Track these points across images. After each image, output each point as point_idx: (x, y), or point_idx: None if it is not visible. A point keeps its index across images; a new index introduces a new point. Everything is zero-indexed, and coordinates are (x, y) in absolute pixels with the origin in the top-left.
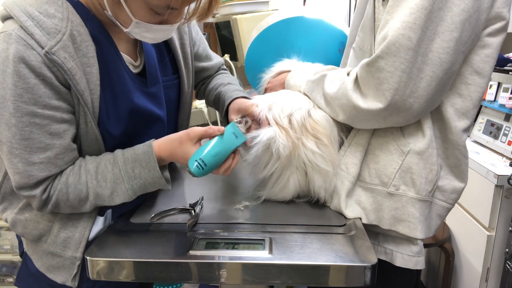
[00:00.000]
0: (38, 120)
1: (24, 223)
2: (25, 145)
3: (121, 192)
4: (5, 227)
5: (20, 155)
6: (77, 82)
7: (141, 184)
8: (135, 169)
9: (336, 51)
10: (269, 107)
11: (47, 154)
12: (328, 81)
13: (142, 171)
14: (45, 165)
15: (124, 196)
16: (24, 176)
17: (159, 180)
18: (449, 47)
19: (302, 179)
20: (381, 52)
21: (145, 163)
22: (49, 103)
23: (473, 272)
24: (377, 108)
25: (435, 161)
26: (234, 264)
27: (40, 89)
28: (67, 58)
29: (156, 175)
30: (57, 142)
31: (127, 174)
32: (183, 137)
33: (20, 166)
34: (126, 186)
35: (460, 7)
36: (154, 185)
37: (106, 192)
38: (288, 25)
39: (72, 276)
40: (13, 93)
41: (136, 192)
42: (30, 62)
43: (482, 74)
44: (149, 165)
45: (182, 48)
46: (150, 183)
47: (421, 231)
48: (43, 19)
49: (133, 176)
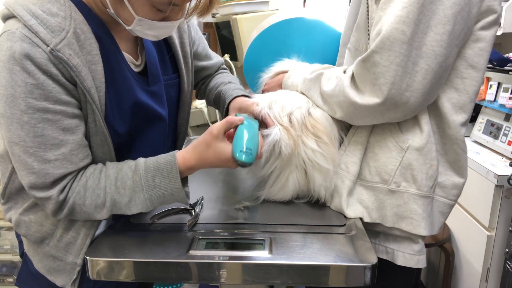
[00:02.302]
0: (50, 115)
1: (28, 224)
2: (39, 142)
3: (139, 201)
4: (5, 227)
5: (35, 154)
6: (83, 79)
7: (160, 194)
8: (155, 179)
9: (335, 52)
10: (269, 106)
11: (62, 150)
12: (325, 79)
13: (163, 181)
14: (60, 162)
15: (141, 206)
16: (40, 175)
17: (179, 192)
18: (442, 40)
19: (302, 178)
20: (376, 47)
21: (166, 172)
22: (60, 98)
23: (473, 272)
24: (374, 103)
25: (434, 156)
26: (234, 264)
27: (50, 85)
28: (72, 55)
29: (176, 187)
30: (70, 138)
31: (147, 182)
32: (207, 138)
33: (36, 165)
34: (145, 195)
35: (451, 0)
36: (173, 197)
37: (123, 199)
38: (288, 26)
39: (72, 281)
40: (24, 90)
41: (154, 203)
42: (36, 59)
43: (477, 68)
44: (171, 175)
45: (182, 47)
46: (170, 194)
47: (424, 228)
48: (46, 18)
49: (153, 186)
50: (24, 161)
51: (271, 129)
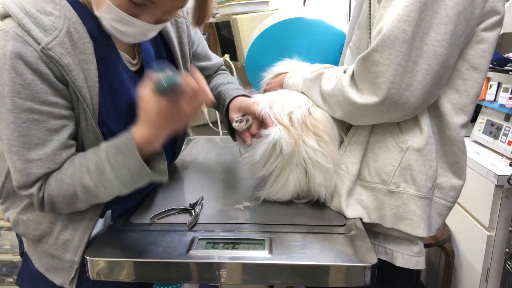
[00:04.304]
0: (36, 116)
1: (26, 223)
2: (23, 141)
3: (108, 184)
4: (5, 227)
5: (18, 153)
6: (74, 78)
7: (126, 174)
8: (117, 158)
9: (336, 52)
10: (269, 105)
11: (45, 150)
12: (325, 79)
13: (124, 159)
14: (43, 161)
15: (114, 189)
16: (23, 174)
17: (143, 168)
18: (444, 40)
19: (302, 178)
20: (376, 45)
21: (125, 149)
22: (46, 99)
23: (473, 272)
24: (374, 102)
25: (434, 157)
26: (234, 264)
27: (38, 85)
28: (64, 54)
29: (138, 162)
30: (54, 138)
31: (110, 163)
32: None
33: (19, 164)
34: (110, 176)
35: (454, 0)
36: (142, 175)
37: (90, 184)
38: (289, 26)
39: (70, 279)
40: (11, 90)
41: (124, 183)
42: (27, 58)
43: (478, 69)
44: (130, 151)
45: (181, 46)
46: (136, 172)
47: (423, 229)
48: (40, 17)
49: (116, 165)
50: (10, 159)
51: (270, 129)
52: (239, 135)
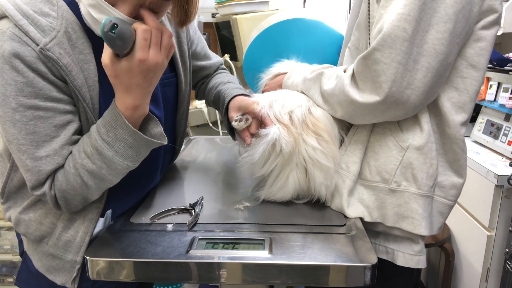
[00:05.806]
0: (41, 113)
1: (27, 223)
2: (31, 139)
3: (109, 162)
4: (5, 227)
5: (27, 151)
6: (73, 78)
7: (124, 146)
8: (109, 133)
9: (335, 53)
10: (269, 105)
11: (53, 146)
12: (325, 78)
13: (116, 132)
14: (51, 157)
15: (115, 165)
16: (34, 172)
17: (140, 136)
18: (443, 38)
19: (302, 177)
20: (377, 44)
21: (114, 122)
22: (50, 95)
23: (473, 272)
24: (375, 101)
25: (434, 156)
26: (234, 264)
27: (40, 82)
28: (63, 54)
29: (130, 131)
30: (61, 133)
31: (104, 141)
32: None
33: (29, 163)
34: (109, 153)
35: None
36: (140, 143)
37: (94, 167)
38: (287, 27)
39: (72, 279)
40: (14, 89)
41: (126, 157)
42: (25, 57)
43: (477, 67)
44: (119, 122)
45: (179, 46)
46: (133, 142)
47: (425, 228)
48: (37, 18)
49: (111, 141)
50: (19, 159)
51: (269, 128)
52: (239, 135)
